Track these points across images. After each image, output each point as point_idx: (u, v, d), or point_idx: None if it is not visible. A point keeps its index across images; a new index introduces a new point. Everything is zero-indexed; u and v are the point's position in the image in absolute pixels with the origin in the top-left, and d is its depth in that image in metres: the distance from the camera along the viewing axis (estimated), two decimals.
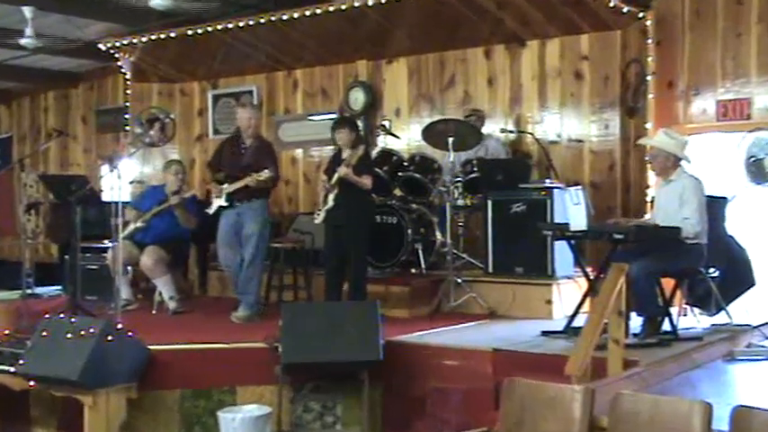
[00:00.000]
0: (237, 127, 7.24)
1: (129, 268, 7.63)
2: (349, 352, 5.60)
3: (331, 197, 6.77)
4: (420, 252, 7.59)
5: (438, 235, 7.71)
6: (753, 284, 6.64)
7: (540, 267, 7.08)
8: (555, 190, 7.12)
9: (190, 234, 7.83)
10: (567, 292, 6.91)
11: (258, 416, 5.55)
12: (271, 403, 5.73)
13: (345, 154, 6.91)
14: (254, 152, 7.05)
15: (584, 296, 6.03)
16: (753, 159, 5.58)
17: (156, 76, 10.37)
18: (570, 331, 5.82)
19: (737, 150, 5.89)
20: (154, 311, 7.59)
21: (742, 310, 6.56)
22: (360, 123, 9.36)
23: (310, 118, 9.59)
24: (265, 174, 6.76)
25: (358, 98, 9.36)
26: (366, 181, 6.85)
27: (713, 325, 6.34)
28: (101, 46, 9.63)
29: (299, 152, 9.83)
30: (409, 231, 7.54)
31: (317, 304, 6.87)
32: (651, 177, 7.17)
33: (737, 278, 6.57)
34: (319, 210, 6.93)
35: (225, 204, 6.97)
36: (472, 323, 6.72)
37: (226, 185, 6.97)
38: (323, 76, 9.78)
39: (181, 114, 10.57)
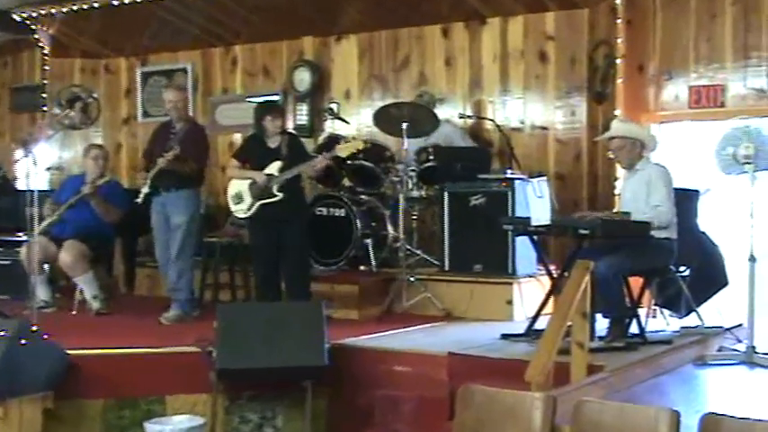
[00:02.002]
0: None
1: (46, 266, 7.52)
2: (291, 357, 5.59)
3: (275, 188, 6.75)
4: (370, 248, 7.61)
5: (390, 229, 7.74)
6: (725, 284, 6.78)
7: (501, 265, 7.15)
8: (517, 181, 7.20)
9: (114, 227, 7.74)
10: (529, 292, 6.99)
11: (190, 427, 5.53)
12: (204, 413, 5.70)
13: (273, 143, 6.89)
14: (182, 137, 7.04)
15: (548, 296, 6.12)
16: (727, 150, 5.70)
17: (77, 50, 10.22)
18: (532, 334, 5.89)
19: (710, 141, 6.02)
20: (74, 312, 7.51)
21: (714, 311, 6.71)
22: (305, 106, 9.41)
23: (250, 99, 9.54)
24: (171, 153, 6.80)
25: (303, 78, 9.34)
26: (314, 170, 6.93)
27: (683, 327, 6.47)
28: (15, 16, 9.47)
29: (237, 137, 9.78)
30: (358, 225, 7.56)
31: (255, 305, 6.85)
32: (620, 168, 7.29)
33: (709, 277, 6.72)
34: (240, 201, 6.90)
35: (148, 191, 6.97)
36: (426, 325, 6.76)
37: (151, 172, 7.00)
38: (265, 54, 9.75)
39: (105, 94, 10.47)
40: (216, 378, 5.62)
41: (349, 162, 7.83)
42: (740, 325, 6.38)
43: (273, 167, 6.77)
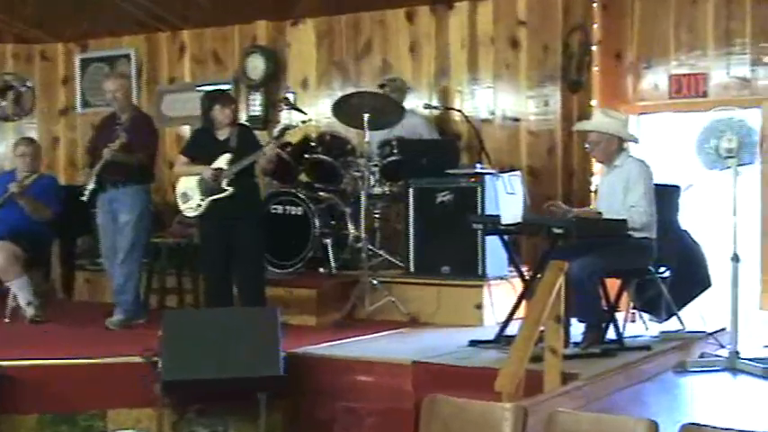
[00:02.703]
0: None
1: None
2: (243, 367, 5.57)
3: (224, 183, 6.72)
4: (329, 248, 7.60)
5: (351, 228, 7.73)
6: (708, 286, 6.86)
7: (470, 266, 7.17)
8: (487, 176, 7.22)
9: (51, 227, 7.66)
10: (500, 296, 7.02)
11: None
12: (149, 429, 5.67)
13: (223, 135, 6.86)
14: (127, 128, 6.99)
15: (519, 300, 6.15)
16: (709, 143, 5.76)
17: (10, 35, 10.09)
18: (502, 340, 5.92)
19: (692, 133, 6.09)
20: (7, 320, 7.43)
21: (696, 314, 6.78)
22: (259, 96, 9.37)
23: (199, 88, 9.47)
24: (118, 142, 6.78)
25: (257, 66, 9.30)
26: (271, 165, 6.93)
27: (663, 332, 6.54)
28: None
29: (185, 129, 9.72)
30: (316, 224, 7.55)
31: (204, 311, 6.82)
32: (597, 162, 7.35)
33: (691, 279, 6.79)
34: (188, 199, 6.87)
35: (93, 188, 6.93)
36: (390, 332, 6.77)
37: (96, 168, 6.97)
38: (215, 39, 9.70)
39: (41, 82, 10.35)
40: (161, 391, 5.57)
41: (306, 156, 7.82)
42: (723, 329, 6.46)
43: (222, 161, 6.74)
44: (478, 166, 7.51)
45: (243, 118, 9.00)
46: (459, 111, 8.37)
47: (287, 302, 7.08)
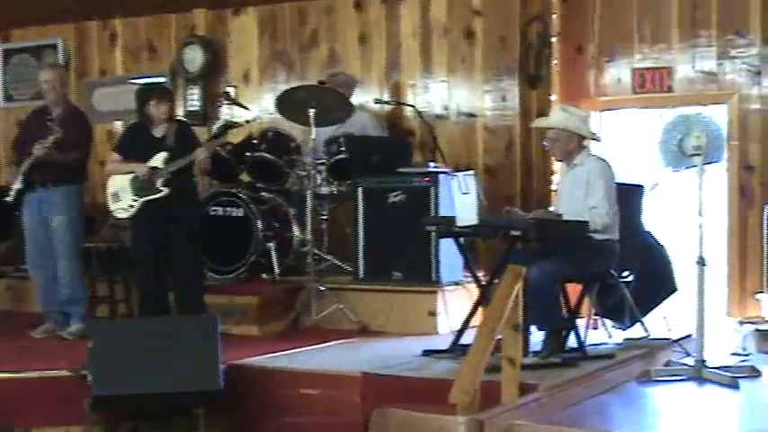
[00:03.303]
0: None
1: None
2: (179, 381, 5.53)
3: (159, 183, 6.66)
4: (273, 253, 7.57)
5: (296, 231, 7.72)
6: (674, 290, 6.93)
7: (423, 271, 7.18)
8: (441, 176, 7.24)
9: None
10: (455, 302, 7.04)
11: None
12: None
13: (159, 132, 6.81)
14: (61, 123, 6.92)
15: (475, 306, 6.16)
16: (672, 141, 5.82)
17: None
18: (457, 350, 5.93)
19: (654, 130, 6.15)
20: None
21: (661, 321, 6.84)
22: (197, 90, 9.31)
23: (133, 81, 9.40)
24: (52, 138, 6.73)
25: (195, 57, 9.27)
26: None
27: (627, 339, 6.58)
28: None
29: (117, 125, 9.63)
30: (259, 226, 7.52)
31: (138, 320, 6.77)
32: (556, 161, 7.39)
33: (656, 283, 6.85)
34: (119, 200, 6.81)
35: (20, 187, 6.87)
36: (338, 341, 6.76)
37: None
38: (150, 29, 9.64)
39: None
40: (91, 407, 5.52)
41: (248, 154, 7.78)
42: (689, 336, 6.53)
43: (158, 159, 6.69)
44: (432, 164, 7.52)
45: (180, 113, 8.92)
46: (411, 106, 8.38)
47: (227, 311, 7.04)
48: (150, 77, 9.23)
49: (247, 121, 7.38)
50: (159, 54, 9.59)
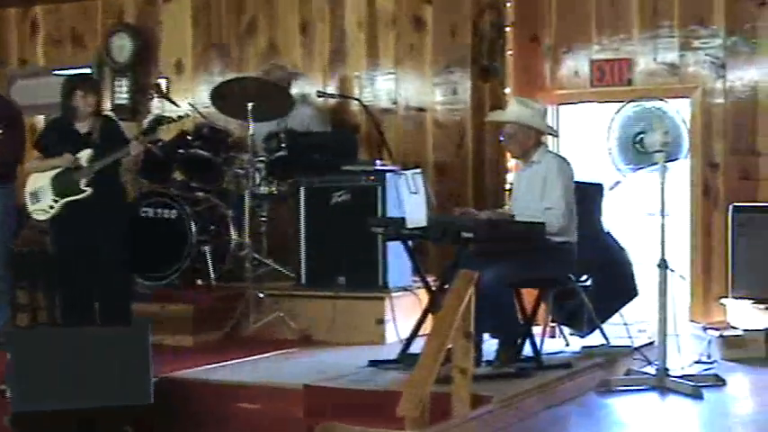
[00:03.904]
0: None
1: None
2: (107, 395, 5.51)
3: (83, 182, 6.60)
4: (208, 257, 7.55)
5: (233, 234, 7.69)
6: (635, 295, 7.00)
7: (369, 276, 7.20)
8: (388, 174, 7.25)
9: None
10: (404, 309, 7.05)
11: None
12: None
13: (84, 127, 6.75)
14: None
15: (425, 314, 6.18)
16: (633, 137, 5.89)
17: None
18: (406, 359, 5.94)
19: (611, 126, 6.21)
20: None
21: (621, 328, 6.90)
22: (125, 81, 9.24)
23: (56, 73, 9.31)
24: None
25: (123, 47, 9.23)
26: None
27: (585, 347, 6.64)
28: None
29: (39, 119, 9.53)
30: (193, 229, 7.48)
31: (61, 331, 6.65)
32: (513, 158, 7.43)
33: (616, 288, 6.91)
34: (38, 200, 6.75)
35: None
36: (279, 352, 6.75)
37: None
38: (74, 16, 9.58)
39: None
40: (10, 424, 5.48)
41: (181, 151, 7.74)
42: (651, 343, 6.60)
43: (82, 157, 6.63)
44: (378, 162, 7.55)
45: (107, 107, 8.85)
46: (356, 99, 8.39)
47: (159, 320, 6.97)
48: (74, 69, 9.12)
49: (180, 117, 7.32)
50: (84, 43, 9.54)
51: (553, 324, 6.99)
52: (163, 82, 8.80)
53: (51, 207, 6.70)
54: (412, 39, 8.40)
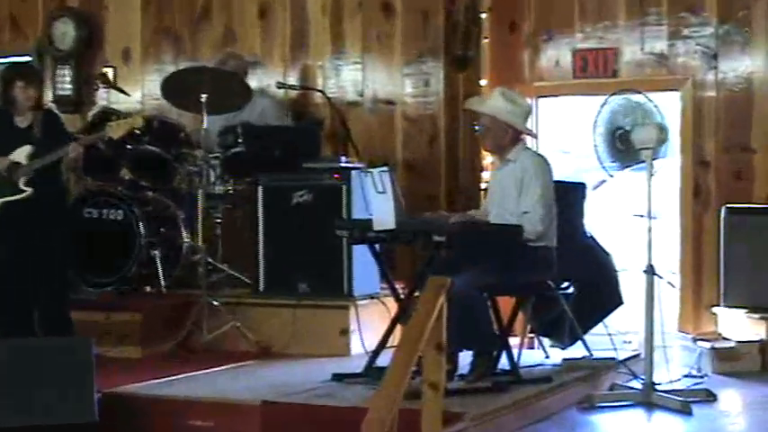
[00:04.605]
0: None
1: None
2: (46, 413, 5.47)
3: (22, 182, 6.57)
4: (158, 262, 7.53)
5: (185, 237, 7.68)
6: (619, 304, 7.04)
7: (333, 283, 7.20)
8: (354, 172, 7.25)
9: None
10: (371, 319, 7.06)
11: None
12: None
13: (23, 122, 6.71)
14: None
15: (393, 323, 6.19)
16: (618, 132, 5.92)
17: None
18: (372, 373, 5.95)
19: (597, 121, 6.24)
20: None
21: (605, 339, 6.93)
22: (69, 71, 9.20)
23: None
24: None
25: (66, 33, 9.18)
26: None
27: (567, 360, 6.66)
28: None
29: None
30: (142, 231, 7.46)
31: None
32: (489, 156, 7.46)
33: (600, 296, 6.95)
34: None
35: None
36: (235, 365, 6.74)
37: None
38: (12, 0, 9.52)
39: None
40: None
41: (129, 147, 7.71)
42: (637, 356, 6.64)
43: (21, 154, 6.59)
44: (343, 159, 7.56)
45: (48, 99, 8.80)
46: (320, 91, 8.37)
47: (104, 330, 7.00)
48: (12, 57, 9.08)
49: (130, 114, 7.29)
50: (23, 30, 9.49)
51: (532, 335, 7.03)
52: (109, 71, 8.74)
53: None
54: (380, 25, 8.40)
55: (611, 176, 6.58)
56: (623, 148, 6.23)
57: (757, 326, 7.13)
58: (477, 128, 6.43)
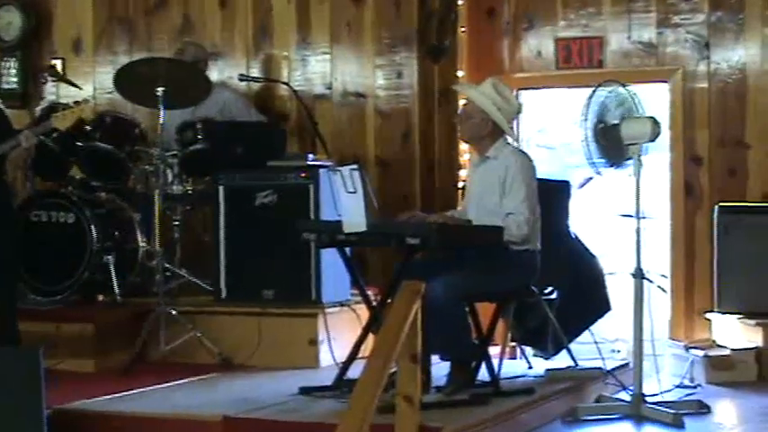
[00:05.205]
0: None
1: None
2: None
3: None
4: (112, 268, 7.51)
5: (141, 241, 7.67)
6: (607, 310, 7.06)
7: (301, 290, 7.21)
8: (322, 170, 7.25)
9: None
10: (341, 327, 7.06)
11: None
12: None
13: None
14: None
15: (365, 332, 6.19)
16: (602, 126, 5.93)
17: None
18: (343, 386, 5.95)
19: (581, 114, 6.25)
20: None
21: (591, 347, 6.95)
22: (14, 63, 9.16)
23: None
24: None
25: (12, 23, 9.16)
26: None
27: (550, 370, 6.68)
28: None
29: None
30: (94, 235, 7.44)
31: None
32: (467, 153, 7.47)
33: (585, 302, 6.98)
34: None
35: None
36: (195, 378, 6.73)
37: None
38: None
39: None
40: None
41: (80, 144, 7.68)
42: (625, 365, 6.66)
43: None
44: (311, 156, 7.55)
45: None
46: (285, 84, 8.39)
47: (55, 341, 6.95)
48: None
49: (77, 102, 7.27)
50: None
51: (513, 343, 7.04)
52: (58, 63, 8.71)
53: None
54: (350, 13, 8.40)
55: (600, 174, 6.59)
56: (607, 143, 6.24)
57: (753, 332, 7.16)
58: (458, 114, 6.43)
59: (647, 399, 5.95)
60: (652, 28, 7.76)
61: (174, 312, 7.17)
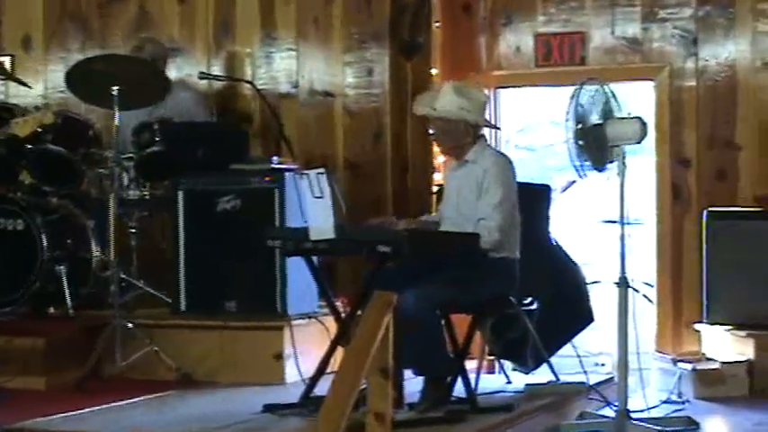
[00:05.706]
0: None
1: None
2: None
3: None
4: (64, 279, 7.48)
5: (95, 249, 7.65)
6: (590, 321, 7.08)
7: (265, 301, 7.21)
8: (287, 174, 7.25)
9: None
10: (308, 341, 7.05)
11: None
12: None
13: None
14: None
15: (333, 346, 6.18)
16: (583, 127, 5.95)
17: None
18: (310, 403, 5.94)
19: (564, 114, 6.26)
20: None
21: (573, 361, 6.96)
22: None
23: None
24: None
25: None
26: None
27: (530, 385, 6.70)
28: None
29: None
30: (44, 243, 7.42)
31: None
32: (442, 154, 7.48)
33: (567, 313, 7.00)
34: None
35: None
36: (152, 395, 6.70)
37: None
38: None
39: None
40: None
41: (30, 147, 7.66)
42: (610, 380, 6.68)
43: None
44: (276, 159, 7.56)
45: None
46: (248, 82, 8.40)
47: (3, 358, 6.95)
48: None
49: (37, 108, 7.24)
50: None
51: (491, 357, 7.04)
52: (6, 61, 8.68)
53: None
54: (317, 7, 8.41)
55: (585, 176, 6.61)
56: (591, 146, 6.25)
57: (744, 345, 7.18)
58: (431, 132, 6.43)
59: (633, 415, 5.96)
60: (637, 23, 7.79)
61: (130, 326, 7.15)
